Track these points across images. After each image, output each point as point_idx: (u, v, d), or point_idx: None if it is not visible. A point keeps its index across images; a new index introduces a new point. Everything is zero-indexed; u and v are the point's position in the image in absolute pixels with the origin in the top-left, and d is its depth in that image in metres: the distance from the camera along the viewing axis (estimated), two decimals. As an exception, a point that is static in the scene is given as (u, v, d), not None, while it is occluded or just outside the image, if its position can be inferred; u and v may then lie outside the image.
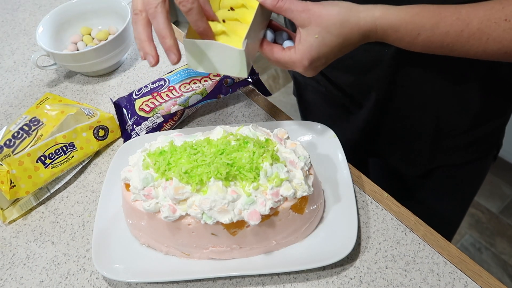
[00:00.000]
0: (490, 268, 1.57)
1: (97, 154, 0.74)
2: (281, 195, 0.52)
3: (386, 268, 0.56)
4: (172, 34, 0.51)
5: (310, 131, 0.69)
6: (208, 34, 0.52)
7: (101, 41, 0.88)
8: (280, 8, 0.51)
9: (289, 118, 0.75)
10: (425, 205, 0.84)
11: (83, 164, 0.72)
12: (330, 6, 0.50)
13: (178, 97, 0.74)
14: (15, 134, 0.68)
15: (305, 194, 0.54)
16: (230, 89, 0.76)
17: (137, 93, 0.76)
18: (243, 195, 0.52)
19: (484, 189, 1.81)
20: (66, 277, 0.60)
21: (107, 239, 0.59)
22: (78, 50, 0.88)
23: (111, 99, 0.77)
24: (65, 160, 0.69)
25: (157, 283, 0.58)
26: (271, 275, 0.57)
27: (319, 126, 0.69)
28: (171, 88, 0.76)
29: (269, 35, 0.56)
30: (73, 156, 0.70)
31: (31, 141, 0.67)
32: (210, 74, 0.79)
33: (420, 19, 0.49)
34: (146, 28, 0.52)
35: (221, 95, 0.76)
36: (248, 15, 0.54)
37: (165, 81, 0.77)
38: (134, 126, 0.73)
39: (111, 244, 0.59)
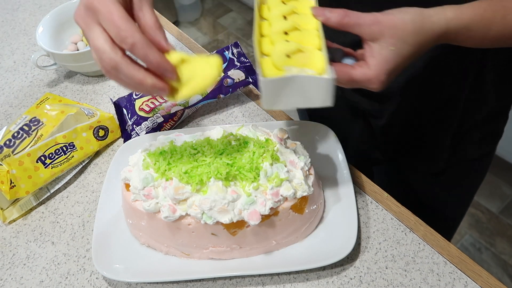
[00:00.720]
0: (490, 268, 1.57)
1: (97, 154, 0.74)
2: (281, 195, 0.52)
3: (386, 268, 0.56)
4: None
5: (310, 131, 0.69)
6: (165, 68, 0.43)
7: (101, 41, 0.88)
8: (347, 24, 0.47)
9: (289, 118, 0.75)
10: (428, 204, 0.84)
11: (83, 164, 0.72)
12: (402, 14, 0.47)
13: None
14: (15, 134, 0.68)
15: (305, 194, 0.54)
16: (230, 89, 0.76)
17: (137, 93, 0.76)
18: (243, 195, 0.52)
19: (484, 189, 1.80)
20: (66, 277, 0.60)
21: (107, 239, 0.59)
22: (78, 50, 0.88)
23: (111, 99, 0.77)
24: (65, 160, 0.69)
25: (157, 283, 0.58)
26: (271, 275, 0.57)
27: (319, 126, 0.69)
28: (171, 88, 0.76)
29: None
30: (73, 156, 0.70)
31: (31, 141, 0.67)
32: None
33: (490, 14, 0.48)
34: (134, 65, 0.43)
35: (221, 95, 0.76)
36: (305, 22, 0.50)
37: (165, 81, 0.77)
38: (134, 126, 0.73)
39: (111, 244, 0.59)
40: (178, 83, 0.45)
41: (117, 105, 0.76)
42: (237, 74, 0.77)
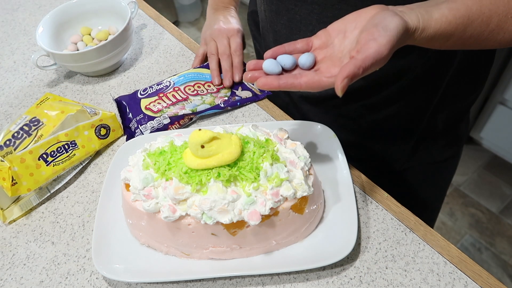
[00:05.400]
0: (490, 268, 1.57)
1: (98, 154, 0.74)
2: (281, 195, 0.52)
3: (386, 268, 0.56)
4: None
5: (310, 131, 0.69)
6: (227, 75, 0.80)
7: (101, 41, 0.88)
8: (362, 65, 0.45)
9: (289, 118, 0.75)
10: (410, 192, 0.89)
11: (83, 164, 0.72)
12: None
13: (185, 99, 0.75)
14: (15, 134, 0.68)
15: (305, 194, 0.54)
16: (238, 103, 0.78)
17: (142, 92, 0.77)
18: (243, 195, 0.52)
19: (484, 189, 1.81)
20: (66, 277, 0.60)
21: (107, 239, 0.59)
22: (78, 50, 0.88)
23: (112, 96, 0.77)
24: (66, 158, 0.69)
25: (157, 283, 0.58)
26: (271, 275, 0.57)
27: (319, 126, 0.69)
28: (176, 88, 0.77)
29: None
30: (74, 154, 0.70)
31: (31, 141, 0.67)
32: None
33: (452, 28, 0.49)
34: (218, 65, 0.80)
35: (228, 107, 0.78)
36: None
37: (169, 82, 0.78)
38: (139, 124, 0.73)
39: (111, 244, 0.59)
40: (207, 153, 0.51)
41: (119, 102, 0.76)
42: (245, 94, 0.80)
